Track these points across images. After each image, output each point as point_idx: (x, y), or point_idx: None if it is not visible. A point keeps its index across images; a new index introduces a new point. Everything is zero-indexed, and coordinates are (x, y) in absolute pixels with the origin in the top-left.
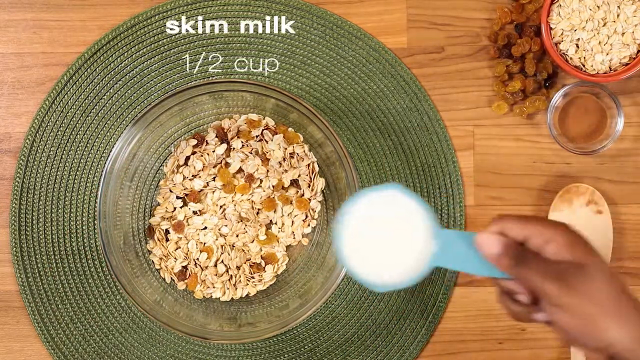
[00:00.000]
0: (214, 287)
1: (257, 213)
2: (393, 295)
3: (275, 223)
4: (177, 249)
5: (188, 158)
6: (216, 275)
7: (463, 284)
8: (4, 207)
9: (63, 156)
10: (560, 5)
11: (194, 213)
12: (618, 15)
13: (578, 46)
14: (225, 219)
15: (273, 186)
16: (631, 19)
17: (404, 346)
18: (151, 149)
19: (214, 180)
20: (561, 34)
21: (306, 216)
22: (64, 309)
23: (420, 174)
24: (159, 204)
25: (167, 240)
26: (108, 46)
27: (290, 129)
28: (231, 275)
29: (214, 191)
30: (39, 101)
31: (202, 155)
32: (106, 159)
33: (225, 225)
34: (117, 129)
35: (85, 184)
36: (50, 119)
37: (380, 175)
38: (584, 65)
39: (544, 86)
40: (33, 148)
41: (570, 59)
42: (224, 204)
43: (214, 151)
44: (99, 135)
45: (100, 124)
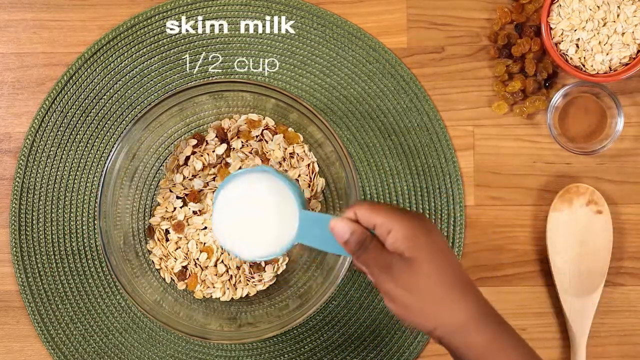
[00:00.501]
0: (214, 287)
1: None
2: None
3: None
4: (177, 249)
5: (188, 158)
6: (216, 275)
7: None
8: (4, 207)
9: (63, 156)
10: (560, 5)
11: (194, 213)
12: (618, 15)
13: (578, 46)
14: None
15: None
16: (631, 19)
17: (404, 346)
18: (151, 149)
19: (214, 180)
20: (561, 34)
21: None
22: (64, 309)
23: (420, 174)
24: (159, 204)
25: (167, 240)
26: (108, 46)
27: (290, 129)
28: (231, 275)
29: (213, 191)
30: (39, 101)
31: (202, 155)
32: (106, 159)
33: None
34: (117, 129)
35: (85, 184)
36: (50, 119)
37: (380, 175)
38: (584, 65)
39: (544, 86)
40: (33, 148)
41: (570, 59)
42: None
43: (214, 151)
44: (99, 135)
45: (100, 124)
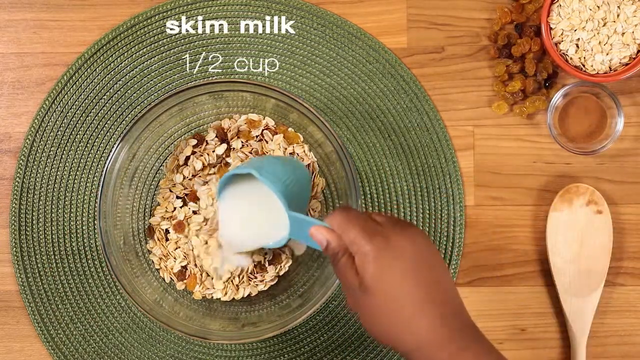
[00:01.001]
0: (214, 288)
1: None
2: None
3: None
4: (177, 248)
5: (188, 158)
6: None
7: (463, 284)
8: (4, 207)
9: (63, 156)
10: (560, 5)
11: (194, 213)
12: (618, 15)
13: (578, 46)
14: None
15: None
16: (631, 19)
17: None
18: (151, 149)
19: (215, 180)
20: (561, 34)
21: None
22: (64, 309)
23: (420, 174)
24: (159, 204)
25: (167, 240)
26: (108, 46)
27: (290, 129)
28: (233, 276)
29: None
30: (39, 101)
31: (202, 155)
32: (106, 159)
33: None
34: (117, 129)
35: (85, 184)
36: (50, 119)
37: (380, 175)
38: (584, 65)
39: (544, 86)
40: (33, 148)
41: (570, 59)
42: None
43: (214, 151)
44: (99, 135)
45: (100, 124)
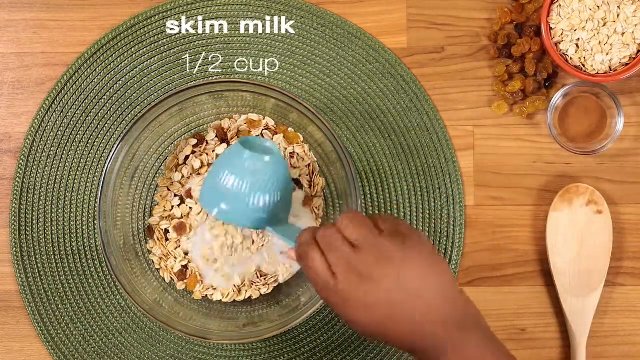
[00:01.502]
0: (214, 290)
1: None
2: None
3: None
4: (177, 247)
5: (187, 157)
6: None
7: (463, 284)
8: (4, 207)
9: (63, 156)
10: (560, 5)
11: (191, 209)
12: (618, 15)
13: (578, 46)
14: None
15: None
16: (631, 19)
17: None
18: (151, 149)
19: None
20: (561, 34)
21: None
22: (64, 309)
23: (420, 174)
24: (158, 203)
25: (167, 239)
26: (108, 46)
27: (290, 129)
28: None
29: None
30: (39, 101)
31: (202, 155)
32: (106, 159)
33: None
34: (117, 129)
35: (85, 184)
36: (50, 119)
37: (380, 175)
38: (584, 65)
39: (544, 86)
40: (33, 148)
41: (570, 59)
42: None
43: (213, 151)
44: (99, 135)
45: (100, 124)
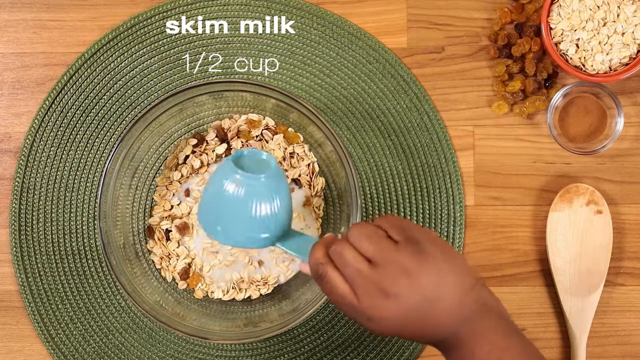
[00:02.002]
0: (216, 287)
1: None
2: None
3: None
4: (179, 246)
5: (187, 157)
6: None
7: None
8: (4, 207)
9: (63, 156)
10: (560, 5)
11: (191, 209)
12: (618, 15)
13: (578, 46)
14: None
15: None
16: (631, 19)
17: (404, 346)
18: (151, 149)
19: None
20: (561, 34)
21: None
22: (64, 309)
23: (420, 174)
24: (157, 203)
25: (168, 239)
26: (108, 46)
27: (290, 129)
28: (241, 279)
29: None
30: (39, 101)
31: (202, 155)
32: (106, 159)
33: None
34: (117, 129)
35: (85, 184)
36: (50, 119)
37: (380, 175)
38: (584, 65)
39: (544, 86)
40: (33, 148)
41: (570, 59)
42: None
43: (213, 151)
44: (99, 135)
45: (100, 124)
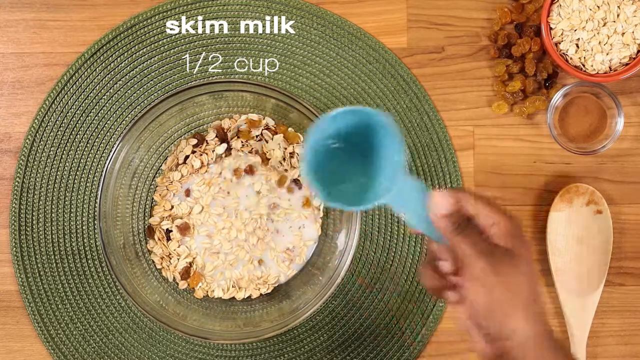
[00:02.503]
0: (217, 285)
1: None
2: (393, 295)
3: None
4: (180, 246)
5: (187, 157)
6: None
7: None
8: (4, 207)
9: (63, 156)
10: (560, 5)
11: (191, 209)
12: (618, 15)
13: (578, 46)
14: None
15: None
16: (631, 19)
17: (404, 346)
18: (151, 148)
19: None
20: (561, 34)
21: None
22: (64, 309)
23: (420, 174)
24: (157, 203)
25: (169, 239)
26: (108, 46)
27: (290, 129)
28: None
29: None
30: (39, 101)
31: (202, 155)
32: (106, 159)
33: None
34: (117, 129)
35: (85, 184)
36: (50, 119)
37: None
38: (584, 65)
39: (544, 86)
40: (33, 148)
41: (570, 59)
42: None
43: (213, 151)
44: (99, 135)
45: (100, 124)
